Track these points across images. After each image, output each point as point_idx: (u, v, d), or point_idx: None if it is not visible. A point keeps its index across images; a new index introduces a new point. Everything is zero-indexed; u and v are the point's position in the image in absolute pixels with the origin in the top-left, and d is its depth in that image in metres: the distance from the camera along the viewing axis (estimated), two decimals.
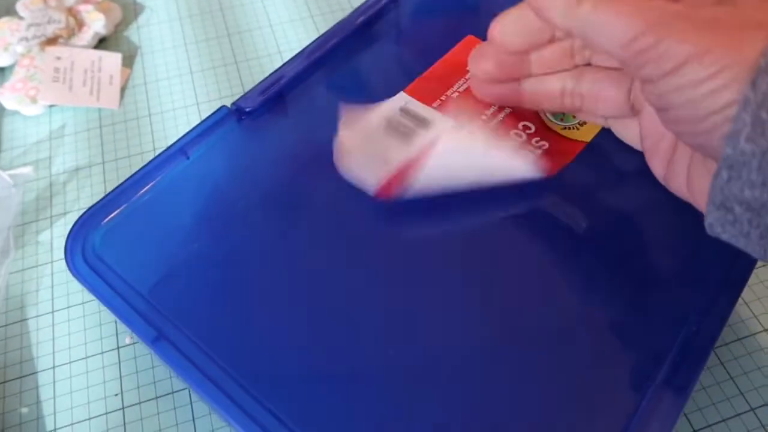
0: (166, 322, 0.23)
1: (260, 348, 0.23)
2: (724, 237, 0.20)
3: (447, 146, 0.26)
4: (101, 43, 0.38)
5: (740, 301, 0.28)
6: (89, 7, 0.39)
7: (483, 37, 0.25)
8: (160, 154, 0.28)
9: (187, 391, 0.26)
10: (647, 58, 0.19)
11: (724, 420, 0.25)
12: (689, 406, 0.25)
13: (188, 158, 0.28)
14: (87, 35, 0.38)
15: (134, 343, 0.27)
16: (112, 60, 0.37)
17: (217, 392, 0.22)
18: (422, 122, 0.28)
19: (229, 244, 0.25)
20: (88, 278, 0.24)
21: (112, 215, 0.26)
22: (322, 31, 0.38)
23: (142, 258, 0.25)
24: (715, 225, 0.19)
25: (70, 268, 0.25)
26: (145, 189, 0.27)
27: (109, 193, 0.26)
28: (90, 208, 0.26)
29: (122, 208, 0.26)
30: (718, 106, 0.18)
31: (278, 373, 0.22)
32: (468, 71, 0.30)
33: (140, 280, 0.24)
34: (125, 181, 0.27)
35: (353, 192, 0.26)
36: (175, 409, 0.25)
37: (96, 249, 0.25)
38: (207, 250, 0.25)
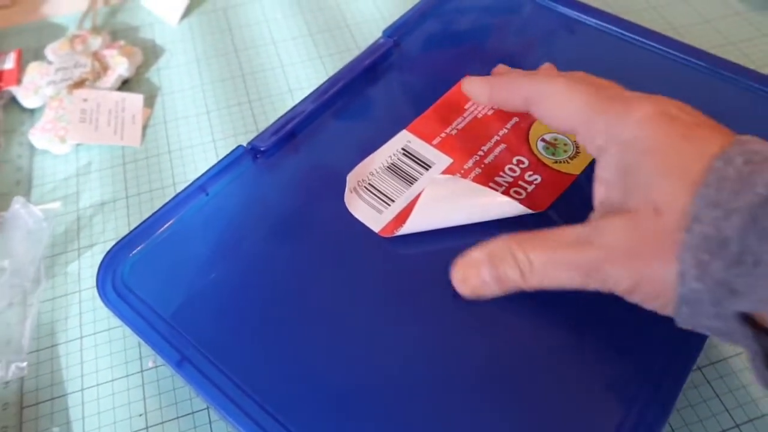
0: (189, 345, 0.25)
1: (277, 369, 0.25)
2: None
3: (439, 192, 0.28)
4: (124, 84, 0.41)
5: None
6: (113, 51, 0.42)
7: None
8: (181, 192, 0.30)
9: (206, 411, 0.28)
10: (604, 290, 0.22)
11: None
12: (677, 422, 0.26)
13: (207, 194, 0.30)
14: (111, 78, 0.40)
15: (157, 367, 0.29)
16: (134, 101, 0.39)
17: (237, 411, 0.23)
18: (422, 163, 0.30)
19: (246, 272, 0.27)
20: (118, 306, 0.26)
21: (139, 248, 0.28)
22: (330, 70, 0.41)
23: (166, 287, 0.27)
24: None
25: (101, 297, 0.27)
26: (168, 224, 0.29)
27: (136, 228, 0.29)
28: (118, 241, 0.28)
29: (148, 241, 0.28)
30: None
31: (295, 393, 0.24)
32: (465, 110, 0.32)
33: (165, 307, 0.26)
34: (150, 216, 0.29)
35: (360, 225, 0.28)
36: (195, 428, 0.27)
37: (124, 279, 0.27)
38: (225, 279, 0.27)
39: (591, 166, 0.29)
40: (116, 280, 0.27)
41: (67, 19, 0.46)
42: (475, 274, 0.24)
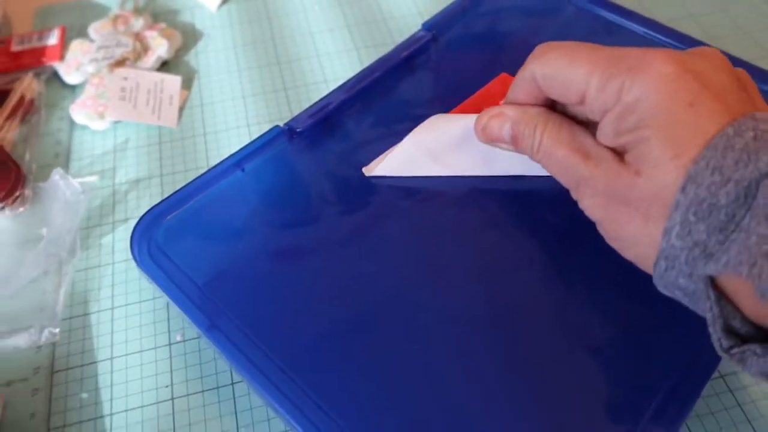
0: (219, 312, 0.26)
1: (301, 337, 0.25)
2: None
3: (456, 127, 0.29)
4: (163, 66, 0.42)
5: None
6: (154, 33, 0.42)
7: (515, 74, 0.27)
8: (217, 165, 0.31)
9: (231, 386, 0.28)
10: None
11: None
12: (697, 429, 0.26)
13: (243, 171, 0.31)
14: (151, 59, 0.41)
15: (185, 341, 0.30)
16: (172, 82, 0.40)
17: (261, 377, 0.24)
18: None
19: (276, 245, 0.28)
20: (150, 268, 0.27)
21: (173, 215, 0.29)
22: (366, 62, 0.41)
23: (198, 254, 0.28)
24: (666, 294, 0.22)
25: (134, 258, 0.27)
26: (203, 194, 0.30)
27: (172, 194, 0.29)
28: (154, 206, 0.29)
29: (183, 208, 0.29)
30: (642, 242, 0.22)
31: (321, 362, 0.25)
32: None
33: (196, 274, 0.27)
34: (187, 184, 0.30)
35: (386, 201, 0.29)
36: (219, 402, 0.28)
37: (158, 243, 0.28)
38: (256, 251, 0.28)
39: None
40: (151, 243, 0.28)
41: None
42: (498, 127, 0.27)
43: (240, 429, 0.27)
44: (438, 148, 0.30)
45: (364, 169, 0.31)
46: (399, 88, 0.35)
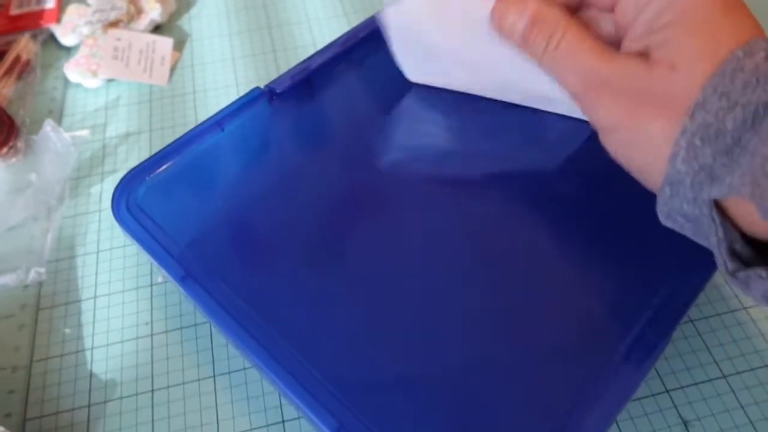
0: (193, 263, 0.26)
1: (274, 288, 0.26)
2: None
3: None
4: (156, 29, 0.43)
5: (723, 281, 0.29)
6: None
7: None
8: (198, 125, 0.31)
9: (208, 325, 0.29)
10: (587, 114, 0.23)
11: (696, 384, 0.26)
12: (664, 369, 0.27)
13: (223, 130, 0.31)
14: (144, 21, 0.42)
15: (165, 282, 0.30)
16: (164, 43, 0.41)
17: (234, 323, 0.25)
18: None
19: (252, 203, 0.29)
20: (128, 223, 0.28)
21: (154, 173, 0.30)
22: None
23: (176, 211, 0.28)
24: (666, 224, 0.22)
25: (114, 214, 0.28)
26: (184, 153, 0.30)
27: (154, 155, 0.30)
28: (136, 166, 0.30)
29: (163, 168, 0.30)
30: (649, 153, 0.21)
31: (291, 311, 0.25)
32: None
33: (173, 229, 0.28)
34: (168, 146, 0.30)
35: (369, 166, 0.30)
36: (196, 338, 0.28)
37: (138, 200, 0.29)
38: (233, 208, 0.29)
39: None
40: (130, 200, 0.29)
41: None
42: (513, 20, 0.24)
43: (215, 363, 0.28)
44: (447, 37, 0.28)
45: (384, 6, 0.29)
46: (381, 51, 0.35)
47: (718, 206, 0.20)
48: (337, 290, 0.26)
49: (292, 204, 0.29)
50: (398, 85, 0.33)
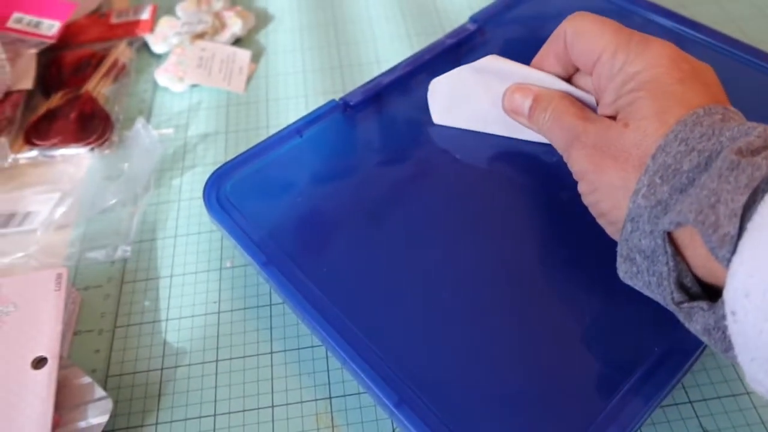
0: (273, 250, 0.30)
1: (339, 273, 0.29)
2: (635, 286, 0.25)
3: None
4: (236, 42, 0.47)
5: None
6: (231, 13, 0.48)
7: None
8: (279, 131, 0.35)
9: (269, 307, 0.32)
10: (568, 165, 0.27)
11: (719, 397, 0.28)
12: (688, 381, 0.28)
13: (301, 136, 0.35)
14: (226, 35, 0.47)
15: (233, 267, 0.34)
16: (243, 55, 0.45)
17: (307, 305, 0.28)
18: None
19: (326, 201, 0.32)
20: (219, 214, 0.31)
21: (240, 171, 0.33)
22: (416, 48, 0.45)
23: (258, 205, 0.32)
24: (625, 276, 0.25)
25: (206, 205, 0.32)
26: (267, 155, 0.34)
27: (240, 155, 0.34)
28: (224, 164, 0.33)
29: (247, 166, 0.33)
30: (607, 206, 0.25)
31: (356, 296, 0.28)
32: None
33: (256, 220, 0.31)
34: (253, 147, 0.34)
35: (435, 169, 0.33)
36: (257, 318, 0.32)
37: (226, 194, 0.32)
38: (309, 204, 0.32)
39: None
40: (219, 194, 0.32)
41: None
42: (520, 103, 0.30)
43: (273, 342, 0.31)
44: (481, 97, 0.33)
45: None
46: (442, 72, 0.38)
47: (672, 238, 0.22)
48: (398, 278, 0.29)
49: (360, 202, 0.32)
50: None
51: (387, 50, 0.46)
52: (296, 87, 0.44)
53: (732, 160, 0.20)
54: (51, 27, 0.44)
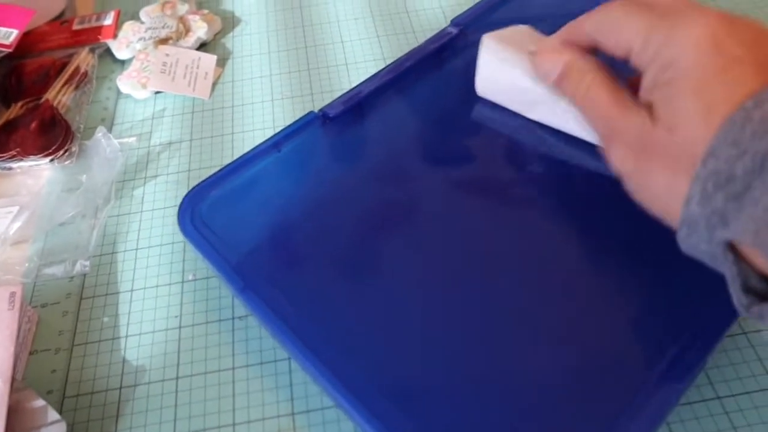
0: (250, 273, 0.29)
1: (320, 294, 0.28)
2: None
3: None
4: (202, 46, 0.46)
5: None
6: (197, 17, 0.47)
7: None
8: (256, 147, 0.34)
9: (231, 321, 0.31)
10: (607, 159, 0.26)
11: (747, 393, 0.27)
12: (715, 377, 0.28)
13: (279, 151, 0.34)
14: (191, 39, 0.45)
15: (195, 280, 0.33)
16: (208, 60, 0.44)
17: (287, 330, 0.27)
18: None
19: (307, 220, 0.31)
20: (194, 237, 0.30)
21: (216, 190, 0.32)
22: (386, 49, 0.44)
23: (236, 225, 0.31)
24: (689, 254, 0.23)
25: (180, 227, 0.30)
26: (243, 172, 0.33)
27: (216, 173, 0.32)
28: (199, 183, 0.32)
29: (224, 184, 0.32)
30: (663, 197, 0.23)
31: (338, 318, 0.27)
32: None
33: (233, 242, 0.30)
34: (229, 164, 0.33)
35: (417, 188, 0.32)
36: (219, 333, 0.31)
37: (201, 215, 0.31)
38: (289, 223, 0.31)
39: None
40: (194, 215, 0.31)
41: None
42: (550, 67, 0.28)
43: (235, 356, 0.30)
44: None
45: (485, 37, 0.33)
46: (426, 79, 0.37)
47: (733, 244, 0.21)
48: (380, 298, 0.28)
49: (341, 219, 0.31)
50: (439, 112, 0.35)
51: (356, 52, 0.45)
52: (263, 91, 0.43)
53: None
54: (8, 35, 0.43)
